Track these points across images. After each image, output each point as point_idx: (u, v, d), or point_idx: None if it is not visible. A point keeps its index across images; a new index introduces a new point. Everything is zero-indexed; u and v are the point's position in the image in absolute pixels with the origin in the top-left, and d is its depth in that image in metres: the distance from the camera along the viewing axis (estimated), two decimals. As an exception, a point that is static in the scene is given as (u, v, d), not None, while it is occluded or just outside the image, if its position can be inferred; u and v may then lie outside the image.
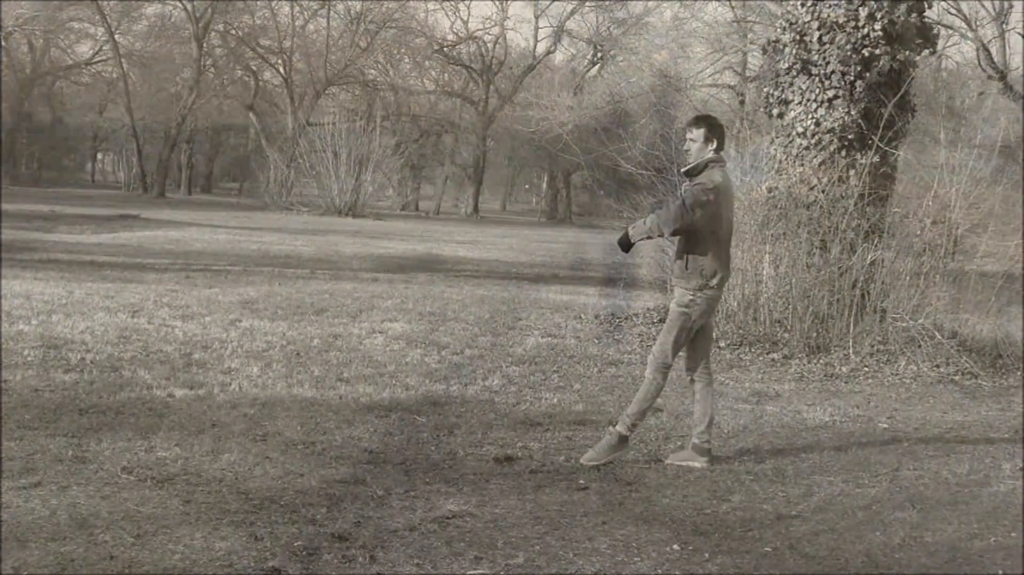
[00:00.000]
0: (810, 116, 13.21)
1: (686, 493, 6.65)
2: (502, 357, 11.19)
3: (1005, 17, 39.57)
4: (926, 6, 13.48)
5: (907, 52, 13.23)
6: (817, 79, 13.20)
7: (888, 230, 12.82)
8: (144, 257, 20.14)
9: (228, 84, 69.04)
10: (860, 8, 12.97)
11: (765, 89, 14.31)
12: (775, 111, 13.70)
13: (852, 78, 13.00)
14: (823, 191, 12.91)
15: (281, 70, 63.39)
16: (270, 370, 9.66)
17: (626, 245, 7.38)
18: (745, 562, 5.45)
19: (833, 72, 13.06)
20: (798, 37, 13.36)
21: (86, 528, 5.37)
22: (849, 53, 12.97)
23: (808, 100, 13.25)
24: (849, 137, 13.04)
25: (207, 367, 9.63)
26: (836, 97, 13.08)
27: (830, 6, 13.09)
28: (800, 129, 13.28)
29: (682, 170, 7.60)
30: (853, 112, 13.01)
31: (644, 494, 6.59)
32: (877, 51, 12.99)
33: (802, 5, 13.39)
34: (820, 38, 13.15)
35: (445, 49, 67.73)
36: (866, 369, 11.66)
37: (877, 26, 12.91)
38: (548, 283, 20.37)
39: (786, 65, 13.54)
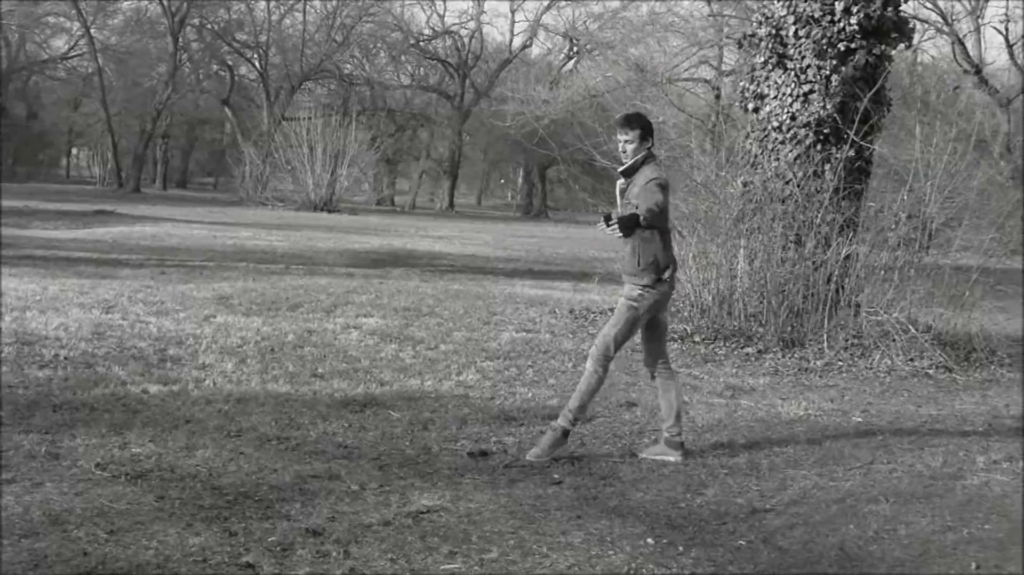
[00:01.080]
0: (785, 110, 13.25)
1: (660, 487, 6.66)
2: (476, 352, 11.18)
3: (980, 12, 39.80)
4: (901, 0, 13.51)
5: (883, 46, 13.28)
6: (793, 73, 13.24)
7: (863, 224, 12.87)
8: (119, 253, 20.03)
9: (204, 79, 68.89)
10: (836, 2, 13.01)
11: (741, 83, 14.35)
12: (750, 105, 13.73)
13: (828, 72, 13.04)
14: (798, 185, 12.94)
15: (257, 65, 63.31)
16: (244, 366, 9.62)
17: (632, 228, 6.87)
18: (719, 555, 5.46)
19: (809, 66, 13.10)
20: (774, 31, 13.40)
21: (59, 524, 5.34)
22: (824, 47, 13.00)
23: (784, 94, 13.29)
24: (824, 131, 13.08)
25: (181, 363, 9.59)
26: (812, 91, 13.12)
27: (806, 1, 13.13)
28: (775, 123, 13.32)
29: (619, 170, 7.54)
30: (828, 106, 13.04)
31: (618, 488, 6.60)
32: (853, 45, 13.03)
33: (778, 0, 13.43)
34: (796, 32, 13.19)
35: (421, 44, 67.72)
36: (840, 363, 11.70)
37: (853, 20, 12.95)
38: (523, 278, 20.35)
39: (762, 59, 13.58)
